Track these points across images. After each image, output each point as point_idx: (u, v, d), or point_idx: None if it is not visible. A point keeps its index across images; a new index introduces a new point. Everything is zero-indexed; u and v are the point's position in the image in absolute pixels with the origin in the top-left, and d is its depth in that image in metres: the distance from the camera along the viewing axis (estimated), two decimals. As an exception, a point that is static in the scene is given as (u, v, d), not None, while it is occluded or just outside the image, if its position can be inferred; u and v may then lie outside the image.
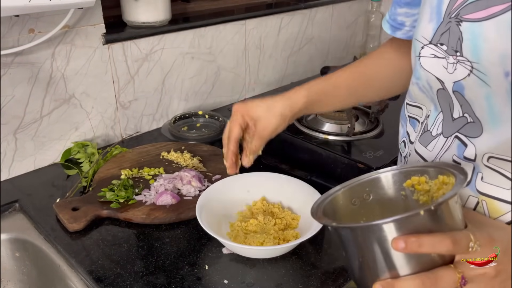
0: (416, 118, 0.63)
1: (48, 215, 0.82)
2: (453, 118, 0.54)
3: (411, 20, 0.66)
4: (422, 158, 0.59)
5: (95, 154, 0.98)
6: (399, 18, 0.68)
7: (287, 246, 0.71)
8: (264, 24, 1.35)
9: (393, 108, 1.09)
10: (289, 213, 0.80)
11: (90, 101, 1.03)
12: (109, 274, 0.69)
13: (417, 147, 0.60)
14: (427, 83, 0.56)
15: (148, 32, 1.08)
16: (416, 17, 0.65)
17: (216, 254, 0.73)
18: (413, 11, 0.65)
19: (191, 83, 1.23)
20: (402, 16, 0.67)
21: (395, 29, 0.69)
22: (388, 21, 0.70)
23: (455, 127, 0.54)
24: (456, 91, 0.51)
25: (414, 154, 0.61)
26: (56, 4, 0.78)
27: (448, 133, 0.55)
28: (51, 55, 0.93)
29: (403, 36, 0.69)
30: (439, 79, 0.53)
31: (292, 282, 0.68)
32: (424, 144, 0.59)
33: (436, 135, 0.57)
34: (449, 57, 0.50)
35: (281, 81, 1.50)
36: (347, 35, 1.71)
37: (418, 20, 0.56)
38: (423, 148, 0.59)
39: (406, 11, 0.66)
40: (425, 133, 0.59)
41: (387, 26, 0.70)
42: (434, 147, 0.57)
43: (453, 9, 0.49)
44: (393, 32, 0.69)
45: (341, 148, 0.91)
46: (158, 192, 0.84)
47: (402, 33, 0.68)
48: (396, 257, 0.43)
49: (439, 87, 0.53)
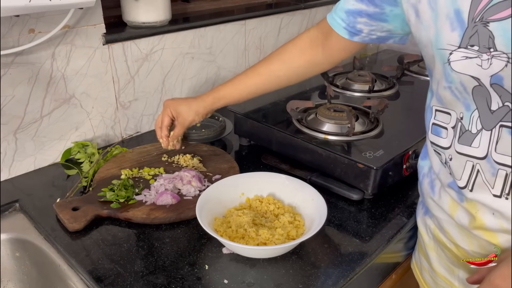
0: (441, 126, 0.65)
1: (48, 215, 0.82)
2: (491, 111, 0.57)
3: (368, 29, 0.75)
4: (471, 156, 0.61)
5: (95, 154, 0.98)
6: (358, 26, 0.75)
7: (287, 246, 0.71)
8: (264, 24, 1.35)
9: (393, 108, 1.09)
10: (290, 208, 0.80)
11: (90, 101, 1.03)
12: (109, 274, 0.69)
13: (459, 149, 0.62)
14: (460, 84, 0.58)
15: (148, 32, 1.08)
16: (373, 27, 0.73)
17: (216, 254, 0.73)
18: (372, 22, 0.73)
19: (191, 83, 1.23)
20: (362, 24, 0.74)
21: (353, 35, 0.77)
22: (346, 28, 0.77)
23: (496, 119, 0.57)
24: (495, 83, 0.55)
25: (457, 156, 0.63)
26: (56, 4, 0.78)
27: (489, 126, 0.58)
28: (51, 55, 0.93)
29: (360, 40, 0.77)
30: (474, 77, 0.56)
31: (292, 282, 0.68)
32: (467, 143, 0.61)
33: (477, 132, 0.59)
34: (482, 55, 0.54)
35: (281, 81, 1.50)
36: (347, 35, 1.71)
37: (436, 33, 0.59)
38: (467, 148, 0.61)
39: (366, 21, 0.74)
40: (464, 133, 0.61)
41: (345, 32, 0.77)
42: (480, 142, 0.59)
43: (476, 14, 0.54)
44: (351, 37, 0.77)
45: (341, 148, 0.91)
46: (158, 192, 0.84)
47: (359, 38, 0.77)
48: None
49: (475, 84, 0.57)
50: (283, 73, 0.88)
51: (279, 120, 1.03)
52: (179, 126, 0.93)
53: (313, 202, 0.78)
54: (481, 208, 0.62)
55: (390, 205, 0.88)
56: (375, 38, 0.76)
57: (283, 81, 0.90)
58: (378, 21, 0.72)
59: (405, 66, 1.43)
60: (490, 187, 0.60)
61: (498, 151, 0.58)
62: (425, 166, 0.76)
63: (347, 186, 0.89)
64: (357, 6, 0.73)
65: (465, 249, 0.68)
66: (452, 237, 0.70)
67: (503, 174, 0.58)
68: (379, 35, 0.75)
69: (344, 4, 0.76)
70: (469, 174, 0.62)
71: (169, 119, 0.93)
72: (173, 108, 0.92)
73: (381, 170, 0.84)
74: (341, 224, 0.82)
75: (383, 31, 0.74)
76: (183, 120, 0.92)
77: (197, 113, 0.91)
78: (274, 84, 0.90)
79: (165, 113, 0.93)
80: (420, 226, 0.80)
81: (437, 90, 0.65)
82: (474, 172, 0.61)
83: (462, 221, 0.66)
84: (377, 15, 0.72)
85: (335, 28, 0.78)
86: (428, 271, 0.81)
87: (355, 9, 0.73)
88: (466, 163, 0.62)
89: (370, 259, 0.74)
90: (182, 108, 0.91)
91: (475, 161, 0.61)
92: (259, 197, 0.83)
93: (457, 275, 0.74)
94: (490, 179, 0.60)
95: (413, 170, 0.92)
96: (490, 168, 0.59)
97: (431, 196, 0.73)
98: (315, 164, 0.93)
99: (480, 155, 0.60)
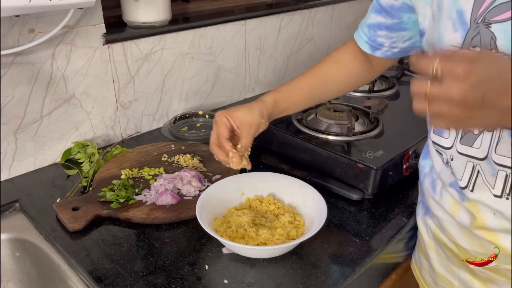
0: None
1: (48, 215, 0.82)
2: None
3: (389, 42, 0.75)
4: (471, 156, 0.61)
5: (95, 154, 0.98)
6: (378, 40, 0.75)
7: (287, 246, 0.71)
8: (264, 24, 1.35)
9: (393, 108, 1.09)
10: (290, 208, 0.80)
11: (90, 101, 1.03)
12: (109, 274, 0.69)
13: (461, 149, 0.63)
14: None
15: (148, 32, 1.08)
16: (393, 39, 0.74)
17: (216, 254, 0.73)
18: (391, 34, 0.73)
19: (191, 83, 1.23)
20: (382, 38, 0.75)
21: (374, 49, 0.77)
22: (368, 42, 0.77)
23: None
24: None
25: (458, 156, 0.63)
26: (56, 4, 0.78)
27: None
28: (51, 55, 0.93)
29: (381, 55, 0.77)
30: None
31: (292, 282, 0.68)
32: (469, 144, 0.61)
33: (479, 133, 0.60)
34: None
35: (281, 81, 1.50)
36: (347, 35, 1.71)
37: (438, 34, 0.60)
38: (468, 148, 0.62)
39: (386, 34, 0.74)
40: (466, 134, 0.62)
41: (367, 46, 0.78)
42: (482, 143, 0.60)
43: (478, 15, 0.54)
44: (373, 51, 0.77)
45: (341, 148, 0.91)
46: (158, 192, 0.84)
47: (381, 52, 0.77)
48: None
49: None
50: (340, 76, 0.84)
51: (279, 120, 1.03)
52: (246, 134, 0.74)
53: (313, 202, 0.78)
54: (482, 208, 0.62)
55: (390, 205, 0.88)
56: (397, 51, 0.75)
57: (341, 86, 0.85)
58: (398, 31, 0.72)
59: (405, 66, 1.43)
60: (491, 187, 0.60)
61: (497, 152, 0.58)
62: (426, 165, 0.76)
63: (347, 186, 0.89)
64: (376, 19, 0.74)
65: (466, 249, 0.68)
66: (452, 237, 0.70)
67: (503, 175, 0.58)
68: (401, 46, 0.75)
69: (367, 19, 0.77)
70: (469, 174, 0.62)
71: (227, 130, 0.74)
72: (230, 115, 0.75)
73: (381, 170, 0.84)
74: (341, 224, 0.82)
75: (405, 41, 0.74)
76: (248, 126, 0.74)
77: (262, 114, 0.76)
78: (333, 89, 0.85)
79: (220, 124, 0.74)
80: (420, 225, 0.80)
81: None
82: (475, 173, 0.61)
83: (464, 221, 0.66)
84: (396, 26, 0.72)
85: (359, 43, 0.79)
86: (428, 271, 0.81)
87: (375, 22, 0.74)
88: (467, 163, 0.62)
89: (370, 259, 0.74)
90: (242, 113, 0.75)
91: (476, 161, 0.61)
92: (259, 197, 0.83)
93: (457, 275, 0.74)
94: (491, 180, 0.60)
95: (413, 170, 0.92)
96: (490, 168, 0.59)
97: (432, 195, 0.73)
98: (315, 164, 0.93)
99: (481, 155, 0.60)
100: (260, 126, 0.76)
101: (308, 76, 0.83)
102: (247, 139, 0.75)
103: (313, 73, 0.84)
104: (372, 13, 0.75)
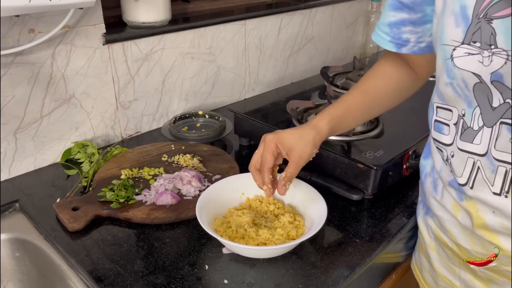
0: (443, 122, 0.66)
1: (48, 215, 0.82)
2: (492, 108, 0.57)
3: (415, 37, 0.71)
4: (472, 153, 0.62)
5: (95, 154, 0.98)
6: (404, 36, 0.72)
7: (287, 246, 0.71)
8: (264, 24, 1.35)
9: (393, 108, 1.09)
10: (290, 208, 0.80)
11: (90, 101, 1.03)
12: (109, 274, 0.69)
13: (461, 145, 0.63)
14: (462, 81, 0.59)
15: (148, 32, 1.08)
16: (419, 34, 0.71)
17: (216, 254, 0.73)
18: (417, 29, 0.71)
19: (191, 83, 1.23)
20: (408, 34, 0.72)
21: (400, 46, 0.73)
22: (392, 41, 0.74)
23: (497, 115, 0.57)
24: (495, 80, 0.55)
25: (459, 153, 0.63)
26: (56, 4, 0.78)
27: (490, 123, 0.58)
28: (51, 55, 0.93)
29: (408, 51, 0.73)
30: (475, 74, 0.56)
31: (292, 282, 0.68)
32: (469, 140, 0.62)
33: (479, 129, 0.60)
34: (484, 51, 0.54)
35: (281, 81, 1.50)
36: (347, 35, 1.71)
37: (441, 29, 0.59)
38: (469, 144, 0.62)
39: (411, 29, 0.71)
40: (466, 130, 0.62)
41: (391, 45, 0.74)
42: (482, 139, 0.60)
43: (480, 11, 0.54)
44: (399, 49, 0.74)
45: (341, 147, 0.91)
46: (158, 192, 0.84)
47: (407, 48, 0.73)
48: None
49: (476, 81, 0.57)
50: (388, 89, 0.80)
51: (279, 120, 1.03)
52: (293, 165, 0.73)
53: (313, 202, 0.78)
54: (480, 206, 0.63)
55: (390, 205, 0.88)
56: (424, 46, 0.72)
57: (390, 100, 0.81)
58: (423, 25, 0.70)
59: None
60: (490, 185, 0.60)
61: (497, 147, 0.58)
62: (428, 165, 0.76)
63: (347, 186, 0.89)
64: (398, 16, 0.71)
65: (467, 249, 0.68)
66: (454, 237, 0.70)
67: (502, 171, 0.59)
68: (427, 40, 0.72)
69: (385, 19, 0.73)
70: (470, 171, 0.62)
71: (273, 159, 0.73)
72: (280, 141, 0.73)
73: (381, 170, 0.84)
74: (341, 224, 0.82)
75: (431, 35, 0.70)
76: (298, 157, 0.73)
77: (315, 145, 0.74)
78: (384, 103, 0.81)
79: (268, 150, 0.73)
80: (421, 225, 0.80)
81: (438, 87, 0.65)
82: (475, 169, 0.61)
83: (466, 221, 0.66)
84: (420, 20, 0.69)
85: (381, 44, 0.76)
86: (428, 271, 0.81)
87: (397, 20, 0.71)
88: (467, 160, 0.62)
89: (370, 259, 0.74)
90: (293, 141, 0.73)
91: (476, 157, 0.61)
92: (259, 197, 0.83)
93: (458, 275, 0.74)
94: (490, 176, 0.60)
95: (413, 170, 0.92)
96: (490, 164, 0.60)
97: (434, 195, 0.73)
98: (315, 164, 0.93)
99: (481, 151, 0.60)
100: (310, 157, 0.74)
101: (357, 95, 0.79)
102: (293, 171, 0.73)
103: (361, 90, 0.79)
104: (390, 11, 0.72)
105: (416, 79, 0.81)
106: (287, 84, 1.47)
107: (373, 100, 0.80)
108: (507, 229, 0.61)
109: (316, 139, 0.74)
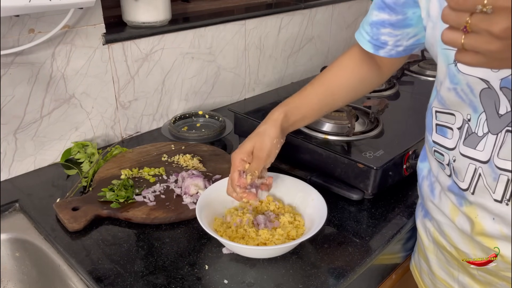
0: (447, 126, 0.64)
1: (48, 215, 0.82)
2: (499, 115, 0.56)
3: (393, 40, 0.71)
4: (474, 159, 0.61)
5: (95, 154, 0.98)
6: (382, 38, 0.72)
7: (287, 246, 0.71)
8: (264, 24, 1.35)
9: (393, 108, 1.09)
10: (290, 208, 0.80)
11: (90, 101, 1.03)
12: (109, 274, 0.69)
13: (464, 151, 0.62)
14: (467, 86, 0.57)
15: (148, 32, 1.08)
16: (398, 37, 0.71)
17: (216, 254, 0.73)
18: (396, 32, 0.70)
19: (191, 83, 1.23)
20: (386, 36, 0.71)
21: (378, 48, 0.73)
22: (370, 41, 0.74)
23: (503, 123, 0.56)
24: (504, 87, 0.54)
25: (460, 158, 0.62)
26: (56, 4, 0.78)
27: (496, 130, 0.57)
28: (51, 55, 0.93)
29: (385, 54, 0.73)
30: (483, 80, 0.55)
31: (292, 282, 0.68)
32: (472, 146, 0.60)
33: (483, 135, 0.59)
34: None
35: (281, 81, 1.50)
36: (347, 35, 1.71)
37: (440, 33, 0.57)
38: (471, 150, 0.60)
39: (390, 31, 0.71)
40: (470, 136, 0.61)
41: (370, 46, 0.74)
42: (485, 146, 0.59)
43: None
44: (376, 51, 0.74)
45: (341, 147, 0.91)
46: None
47: (385, 51, 0.73)
48: None
49: (484, 87, 0.56)
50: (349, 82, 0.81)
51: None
52: (255, 159, 0.76)
53: (313, 202, 0.78)
54: (480, 212, 0.62)
55: (390, 205, 0.88)
56: (401, 50, 0.72)
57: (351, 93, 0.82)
58: (402, 28, 0.69)
59: (405, 66, 1.43)
60: (491, 192, 0.59)
61: (500, 156, 0.57)
62: (425, 168, 0.75)
63: (347, 186, 0.89)
64: (380, 16, 0.70)
65: (466, 252, 0.68)
66: (452, 240, 0.70)
67: (504, 179, 0.58)
68: (405, 44, 0.71)
69: (369, 17, 0.73)
70: (471, 177, 0.61)
71: (238, 174, 0.76)
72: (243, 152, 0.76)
73: (381, 170, 0.84)
74: (341, 224, 0.82)
75: (409, 38, 0.71)
76: (258, 151, 0.75)
77: (270, 135, 0.75)
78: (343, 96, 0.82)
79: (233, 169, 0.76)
80: (419, 228, 0.80)
81: (440, 92, 0.64)
82: (476, 175, 0.61)
83: (464, 226, 0.65)
84: (400, 22, 0.69)
85: (360, 43, 0.76)
86: (427, 273, 0.80)
87: (378, 20, 0.71)
88: (469, 166, 0.61)
89: (370, 259, 0.74)
90: (252, 142, 0.76)
91: (478, 164, 0.60)
92: (259, 197, 0.83)
93: (457, 278, 0.73)
94: (492, 184, 0.59)
95: (413, 170, 0.92)
96: (491, 172, 0.59)
97: (431, 199, 0.72)
98: (315, 164, 0.93)
99: (483, 158, 0.59)
100: (272, 151, 0.76)
101: (316, 86, 0.80)
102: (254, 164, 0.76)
103: (320, 81, 0.81)
104: (374, 10, 0.72)
105: (380, 75, 0.81)
106: (287, 84, 1.47)
107: (333, 92, 0.80)
108: (506, 236, 0.60)
109: (271, 131, 0.75)
